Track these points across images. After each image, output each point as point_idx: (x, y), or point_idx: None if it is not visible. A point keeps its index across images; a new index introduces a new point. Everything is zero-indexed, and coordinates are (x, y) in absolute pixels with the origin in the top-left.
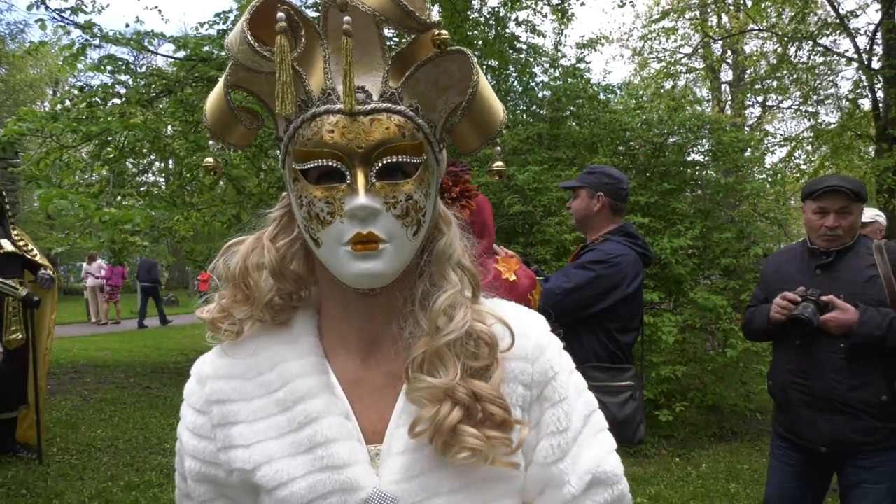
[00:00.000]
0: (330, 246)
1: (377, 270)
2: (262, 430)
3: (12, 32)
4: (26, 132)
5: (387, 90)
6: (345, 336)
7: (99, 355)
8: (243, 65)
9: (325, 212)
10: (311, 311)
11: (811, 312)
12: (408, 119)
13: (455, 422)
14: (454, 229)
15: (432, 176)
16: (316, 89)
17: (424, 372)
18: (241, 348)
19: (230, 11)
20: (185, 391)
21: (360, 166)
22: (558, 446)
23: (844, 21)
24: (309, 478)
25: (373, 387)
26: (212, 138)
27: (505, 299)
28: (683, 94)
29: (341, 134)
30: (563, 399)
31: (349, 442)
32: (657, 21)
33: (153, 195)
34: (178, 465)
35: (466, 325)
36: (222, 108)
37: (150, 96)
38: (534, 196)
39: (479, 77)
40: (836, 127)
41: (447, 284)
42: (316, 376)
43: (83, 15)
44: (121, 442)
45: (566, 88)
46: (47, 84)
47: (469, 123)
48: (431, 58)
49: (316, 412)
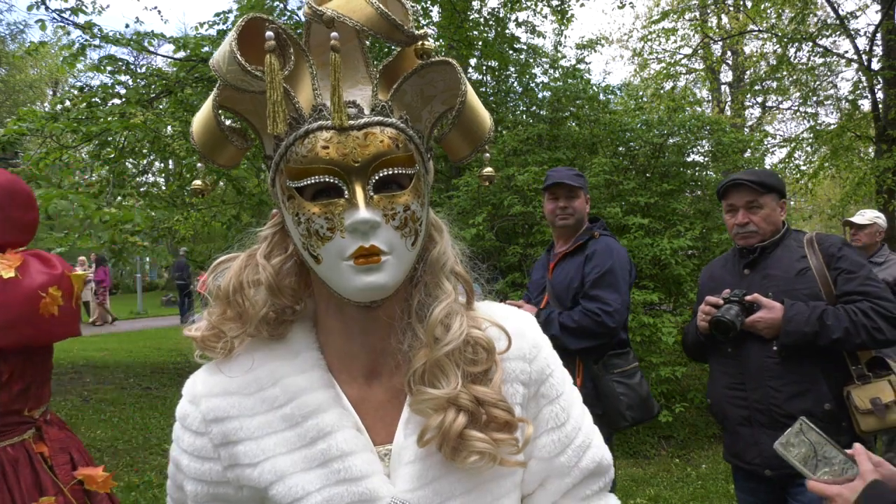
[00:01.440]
0: (331, 262)
1: (381, 283)
2: (270, 447)
3: (12, 33)
4: (26, 132)
5: (377, 103)
6: (348, 353)
7: (98, 356)
8: (232, 84)
9: (325, 228)
10: (308, 325)
11: (734, 314)
12: (399, 131)
13: (461, 428)
14: (446, 236)
15: (424, 185)
16: (306, 106)
17: (426, 383)
18: (234, 364)
19: (230, 12)
20: (178, 413)
21: (358, 180)
22: (559, 440)
23: (844, 22)
24: (325, 491)
25: (378, 403)
26: (200, 160)
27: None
28: (683, 94)
29: (336, 149)
30: (559, 395)
31: (365, 454)
32: (657, 22)
33: (153, 195)
34: (172, 491)
35: (463, 334)
36: (211, 130)
37: (150, 97)
38: (533, 197)
39: (466, 87)
40: (835, 128)
41: (442, 294)
42: (324, 390)
43: (83, 15)
44: (120, 442)
45: (566, 89)
46: (47, 84)
47: (459, 133)
48: (417, 69)
49: (329, 426)
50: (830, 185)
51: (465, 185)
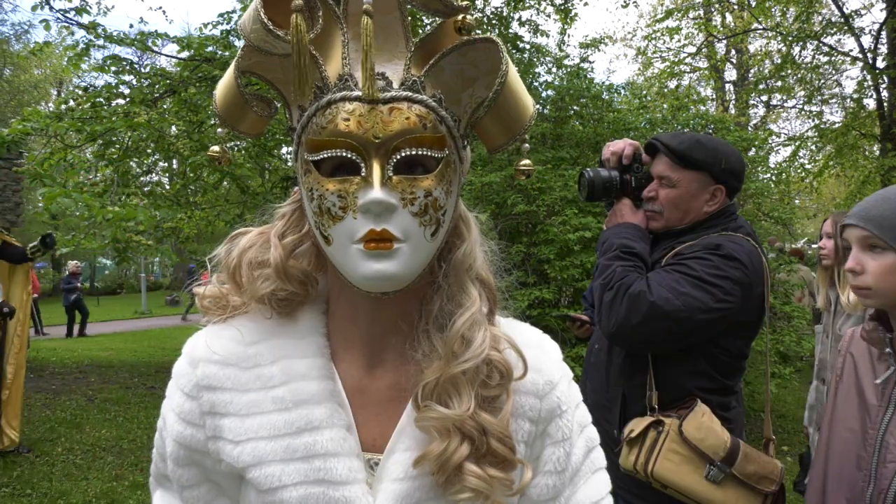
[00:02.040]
0: (341, 243)
1: (390, 272)
2: (253, 428)
3: (17, 33)
4: (31, 132)
5: (408, 78)
6: (351, 339)
7: (103, 355)
8: (256, 47)
9: (337, 206)
10: (320, 307)
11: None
12: (430, 110)
13: (462, 458)
14: (475, 234)
15: (454, 173)
16: (333, 76)
17: (436, 400)
18: (238, 332)
19: (233, 12)
20: (175, 370)
21: (377, 158)
22: (553, 486)
23: (849, 20)
24: (301, 488)
25: (377, 398)
26: (221, 126)
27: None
28: (687, 93)
29: (357, 123)
30: (565, 439)
31: (349, 459)
32: (661, 20)
33: (157, 195)
34: (159, 444)
35: (484, 352)
36: (233, 95)
37: (154, 96)
38: (537, 196)
39: (508, 68)
40: (840, 126)
41: (466, 300)
42: (321, 381)
43: (87, 15)
44: (125, 442)
45: (569, 88)
46: (52, 84)
47: (495, 118)
48: (457, 46)
49: (318, 420)
50: (835, 183)
51: (468, 185)
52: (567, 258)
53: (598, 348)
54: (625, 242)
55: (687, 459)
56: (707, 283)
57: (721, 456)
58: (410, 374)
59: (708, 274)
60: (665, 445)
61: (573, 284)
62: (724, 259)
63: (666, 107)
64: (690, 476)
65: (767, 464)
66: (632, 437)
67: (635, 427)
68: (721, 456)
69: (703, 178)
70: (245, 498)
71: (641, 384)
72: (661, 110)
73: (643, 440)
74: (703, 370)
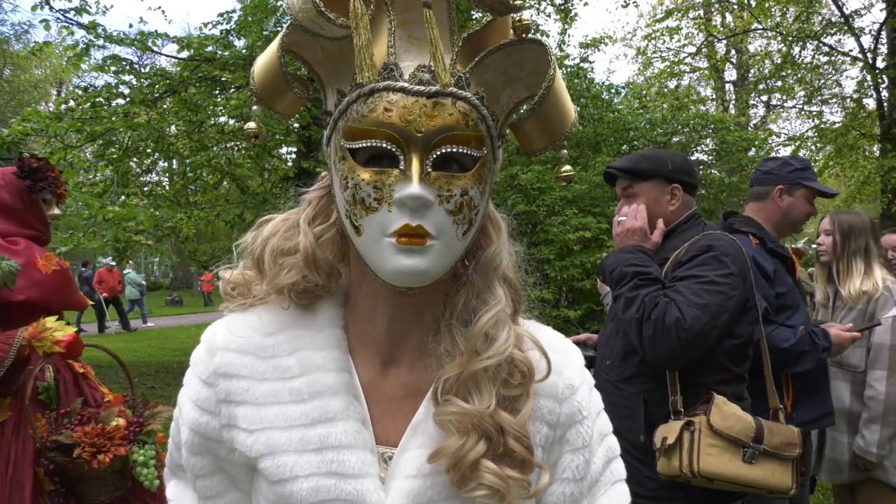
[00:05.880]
0: (372, 235)
1: (422, 268)
2: (269, 418)
3: (17, 33)
4: (31, 132)
5: (454, 73)
6: (368, 334)
7: (102, 355)
8: (303, 26)
9: (372, 197)
10: (339, 300)
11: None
12: (473, 107)
13: (478, 456)
14: (504, 235)
15: (489, 173)
16: (377, 63)
17: (456, 395)
18: (258, 321)
19: (233, 12)
20: (193, 358)
21: (417, 152)
22: (571, 495)
23: (849, 20)
24: (313, 479)
25: (392, 395)
26: (257, 104)
27: None
28: (687, 93)
29: (399, 115)
30: (585, 446)
31: (363, 452)
32: (661, 20)
33: (157, 195)
34: (174, 433)
35: (508, 350)
36: (274, 73)
37: (154, 96)
38: (537, 196)
39: (555, 71)
40: (840, 126)
41: (492, 299)
42: (338, 373)
43: (87, 15)
44: None
45: (570, 88)
46: (51, 84)
47: (537, 122)
48: (505, 45)
49: (333, 412)
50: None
51: None
52: (567, 258)
53: (609, 364)
54: (638, 270)
55: (724, 449)
56: (718, 283)
57: (751, 436)
58: (426, 371)
59: (716, 275)
60: (702, 442)
61: (573, 284)
62: (720, 257)
63: (666, 107)
64: (731, 463)
65: (787, 431)
66: (669, 445)
67: (668, 434)
68: (751, 436)
69: (658, 183)
70: (257, 490)
71: (661, 387)
72: (661, 110)
73: (680, 444)
74: (718, 362)
